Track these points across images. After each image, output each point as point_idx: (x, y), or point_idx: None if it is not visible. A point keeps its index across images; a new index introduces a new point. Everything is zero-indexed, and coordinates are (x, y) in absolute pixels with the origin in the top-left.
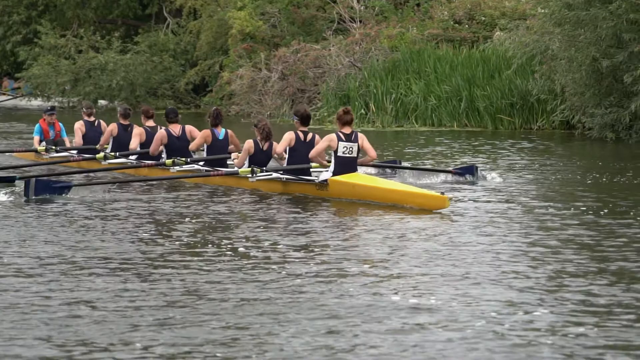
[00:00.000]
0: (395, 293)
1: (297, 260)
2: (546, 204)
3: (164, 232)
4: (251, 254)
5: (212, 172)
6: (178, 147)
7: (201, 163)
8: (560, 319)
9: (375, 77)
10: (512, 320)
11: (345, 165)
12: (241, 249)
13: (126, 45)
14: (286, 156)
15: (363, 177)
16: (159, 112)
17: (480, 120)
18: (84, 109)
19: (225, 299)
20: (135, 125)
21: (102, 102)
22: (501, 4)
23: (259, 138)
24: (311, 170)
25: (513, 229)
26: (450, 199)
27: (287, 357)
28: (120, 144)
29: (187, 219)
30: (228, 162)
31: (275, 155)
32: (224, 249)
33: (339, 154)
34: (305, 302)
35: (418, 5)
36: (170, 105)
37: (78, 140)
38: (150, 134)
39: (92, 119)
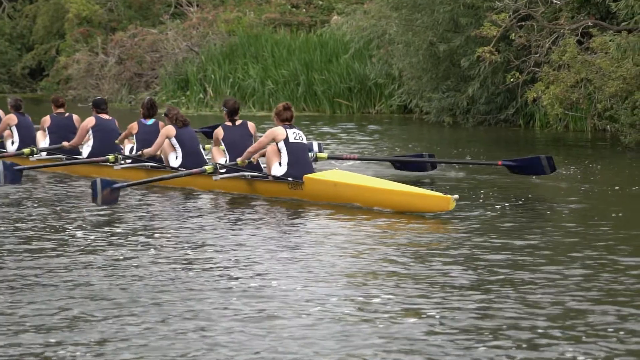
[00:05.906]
0: (240, 279)
1: (135, 248)
2: None
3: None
4: (89, 238)
5: (181, 173)
6: (112, 134)
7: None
8: (399, 306)
9: (213, 61)
10: (349, 305)
11: (299, 153)
12: (82, 234)
13: None
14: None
15: (345, 175)
16: None
17: (318, 105)
18: None
19: (58, 285)
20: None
21: None
22: None
23: (177, 126)
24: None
25: (351, 213)
26: (456, 199)
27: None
28: (25, 132)
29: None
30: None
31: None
32: (72, 237)
33: (291, 140)
34: (143, 288)
35: None
36: (7, 89)
37: None
38: (56, 119)
39: None
